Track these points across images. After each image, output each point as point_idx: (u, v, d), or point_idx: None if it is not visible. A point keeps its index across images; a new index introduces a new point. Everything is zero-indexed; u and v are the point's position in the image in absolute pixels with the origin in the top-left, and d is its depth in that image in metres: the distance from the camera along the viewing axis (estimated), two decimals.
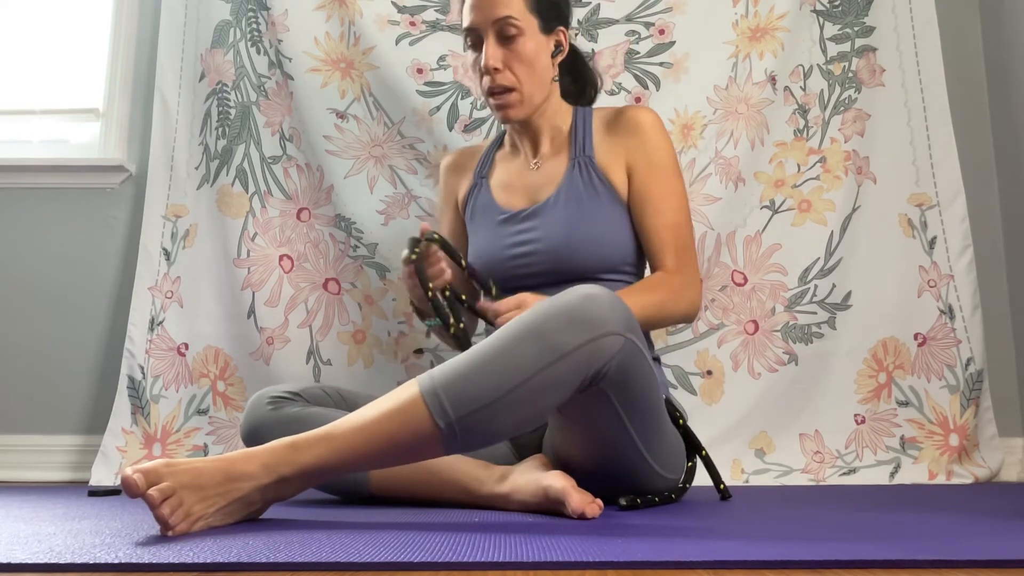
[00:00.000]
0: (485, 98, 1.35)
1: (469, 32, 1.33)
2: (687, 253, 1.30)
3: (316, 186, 1.85)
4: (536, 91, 1.33)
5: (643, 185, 1.31)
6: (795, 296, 1.75)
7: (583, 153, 1.35)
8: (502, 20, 1.28)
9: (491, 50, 1.29)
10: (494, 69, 1.29)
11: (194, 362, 1.80)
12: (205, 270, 1.83)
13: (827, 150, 1.80)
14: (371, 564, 0.64)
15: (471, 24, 1.31)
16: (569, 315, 0.91)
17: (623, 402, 0.98)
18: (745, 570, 0.63)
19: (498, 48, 1.29)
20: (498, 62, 1.29)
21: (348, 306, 1.81)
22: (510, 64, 1.30)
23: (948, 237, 1.75)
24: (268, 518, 0.92)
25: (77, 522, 0.94)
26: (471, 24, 1.31)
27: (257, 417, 1.17)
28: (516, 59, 1.30)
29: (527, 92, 1.32)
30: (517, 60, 1.30)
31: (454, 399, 0.87)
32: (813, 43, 1.84)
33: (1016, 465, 1.76)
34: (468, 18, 1.32)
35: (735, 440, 1.69)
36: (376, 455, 0.90)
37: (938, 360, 1.71)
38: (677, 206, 1.31)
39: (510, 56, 1.30)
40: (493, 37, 1.29)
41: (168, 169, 1.89)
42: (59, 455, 1.86)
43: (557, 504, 0.98)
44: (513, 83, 1.30)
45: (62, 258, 1.95)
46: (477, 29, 1.31)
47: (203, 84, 1.91)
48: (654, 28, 1.84)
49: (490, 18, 1.29)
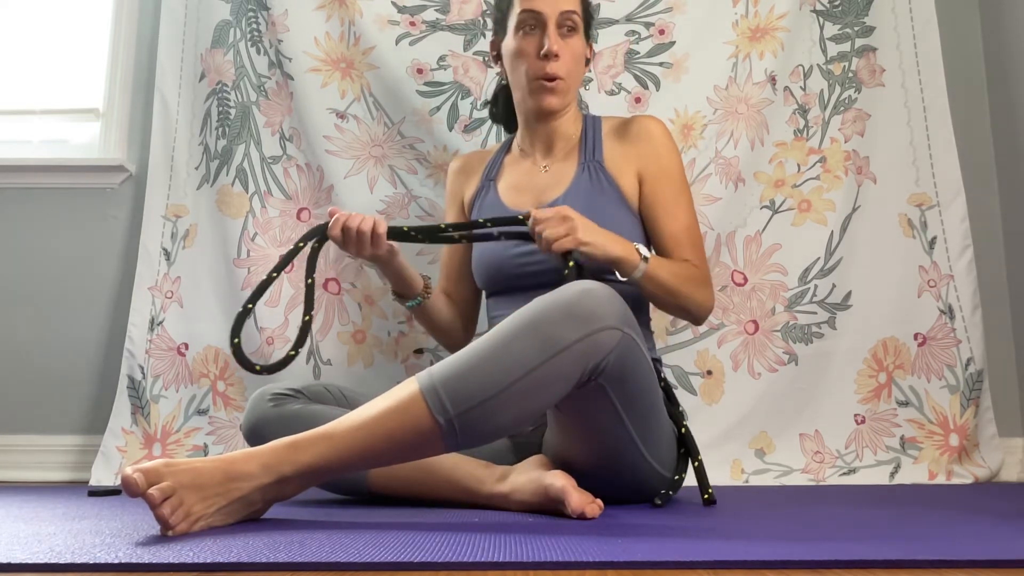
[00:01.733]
0: (530, 82, 1.34)
1: (530, 14, 1.32)
2: (702, 254, 1.34)
3: (316, 186, 1.85)
4: (573, 88, 1.38)
5: (656, 191, 1.34)
6: (795, 296, 1.75)
7: (592, 157, 1.37)
8: (568, 12, 1.32)
9: (554, 36, 1.31)
10: (555, 55, 1.31)
11: (194, 362, 1.80)
12: (205, 270, 1.83)
13: (827, 150, 1.80)
14: (371, 564, 0.64)
15: (538, 8, 1.31)
16: (566, 310, 0.91)
17: (621, 398, 0.99)
18: (745, 570, 0.63)
19: (559, 38, 1.32)
20: (561, 49, 1.31)
21: (348, 306, 1.81)
22: (564, 55, 1.32)
23: (948, 237, 1.75)
24: (268, 518, 0.92)
25: (77, 522, 0.94)
26: (538, 8, 1.31)
27: (259, 414, 1.18)
28: (570, 52, 1.33)
29: (570, 85, 1.35)
30: (571, 53, 1.34)
31: (453, 395, 0.87)
32: (813, 43, 1.84)
33: (1016, 465, 1.76)
34: (533, 1, 1.32)
35: (735, 440, 1.69)
36: (376, 453, 0.90)
37: (938, 360, 1.71)
38: (688, 210, 1.35)
39: (565, 48, 1.33)
40: (555, 26, 1.31)
41: (168, 169, 1.89)
42: (59, 455, 1.86)
43: (557, 504, 0.98)
44: (565, 73, 1.33)
45: (62, 258, 1.95)
46: (542, 14, 1.31)
47: (203, 84, 1.91)
48: (654, 28, 1.84)
49: (559, 7, 1.31)
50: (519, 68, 1.35)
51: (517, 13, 1.33)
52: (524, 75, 1.34)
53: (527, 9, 1.32)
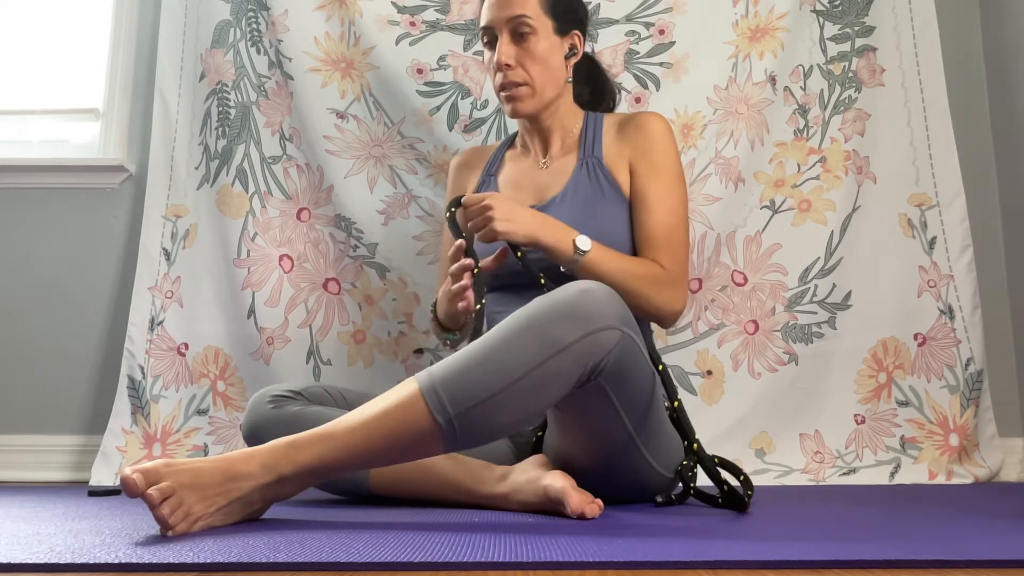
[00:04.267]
0: (498, 93, 1.37)
1: (485, 31, 1.36)
2: (677, 256, 1.28)
3: (316, 186, 1.85)
4: (548, 88, 1.36)
5: (641, 184, 1.33)
6: (795, 296, 1.75)
7: (591, 154, 1.37)
8: (516, 19, 1.32)
9: (504, 47, 1.32)
10: (506, 65, 1.32)
11: (194, 362, 1.80)
12: (205, 270, 1.83)
13: (827, 150, 1.80)
14: (371, 564, 0.64)
15: (487, 22, 1.35)
16: (565, 309, 0.91)
17: (621, 397, 0.99)
18: (745, 570, 0.63)
19: (511, 46, 1.33)
20: (510, 59, 1.32)
21: (348, 306, 1.81)
22: (522, 61, 1.33)
23: (948, 237, 1.75)
24: (268, 518, 0.92)
25: (77, 522, 0.94)
26: (487, 22, 1.35)
27: (258, 416, 1.18)
28: (528, 57, 1.33)
29: (538, 87, 1.34)
30: (529, 58, 1.33)
31: (452, 395, 0.87)
32: (813, 43, 1.84)
33: (1016, 465, 1.76)
34: (485, 17, 1.35)
35: (735, 440, 1.68)
36: (376, 453, 0.90)
37: (938, 360, 1.71)
38: (673, 208, 1.31)
39: (522, 54, 1.33)
40: (507, 35, 1.32)
41: (168, 169, 1.88)
42: (59, 455, 1.86)
43: (557, 504, 0.98)
44: (524, 79, 1.33)
45: (62, 258, 1.95)
46: (492, 27, 1.34)
47: (203, 84, 1.91)
48: (654, 28, 1.84)
49: (504, 16, 1.32)
50: (492, 81, 1.38)
51: (480, 31, 1.38)
52: (495, 87, 1.37)
53: (482, 27, 1.36)
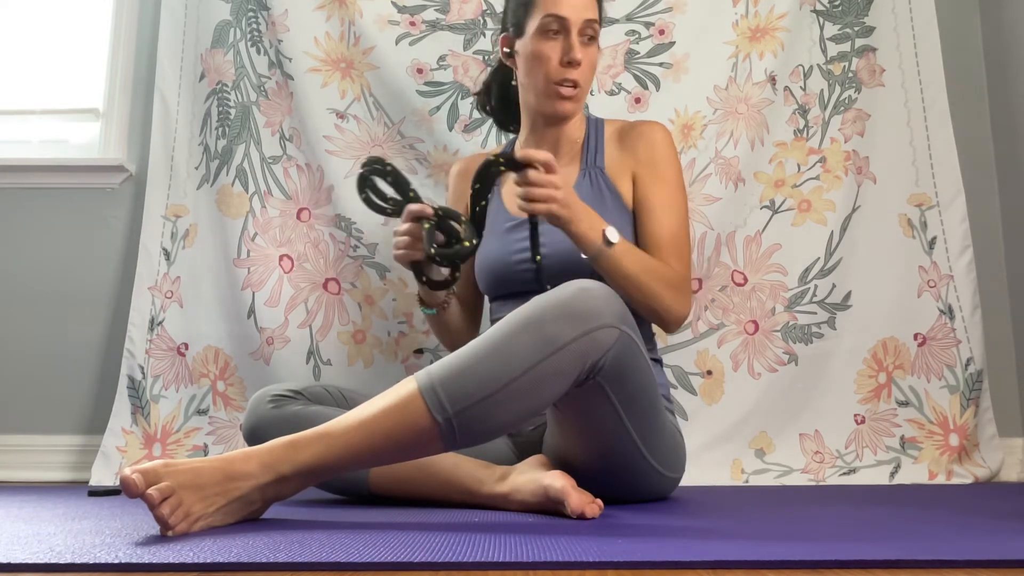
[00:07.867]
0: (548, 85, 1.31)
1: (555, 19, 1.29)
2: (684, 261, 1.29)
3: (316, 186, 1.85)
4: (586, 95, 1.38)
5: (646, 192, 1.33)
6: (795, 296, 1.75)
7: (594, 164, 1.37)
8: (591, 21, 1.31)
9: (579, 45, 1.30)
10: (579, 62, 1.30)
11: (194, 362, 1.80)
12: (205, 270, 1.83)
13: (827, 150, 1.80)
14: (371, 564, 0.64)
15: (564, 14, 1.29)
16: (564, 308, 0.91)
17: (620, 396, 0.99)
18: (745, 570, 0.63)
19: (581, 45, 1.31)
20: (583, 57, 1.31)
21: (348, 306, 1.81)
22: (584, 63, 1.32)
23: (948, 237, 1.75)
24: (268, 518, 0.92)
25: (77, 522, 0.94)
26: (564, 14, 1.29)
27: (259, 415, 1.18)
28: (589, 61, 1.33)
29: (584, 93, 1.35)
30: (588, 62, 1.33)
31: (451, 393, 0.88)
32: (813, 43, 1.84)
33: (1016, 465, 1.76)
34: (561, 7, 1.29)
35: (735, 440, 1.69)
36: (375, 452, 0.90)
37: (938, 360, 1.71)
38: (677, 216, 1.32)
39: (586, 56, 1.32)
40: (578, 34, 1.30)
41: (168, 169, 1.88)
42: (59, 455, 1.86)
43: (557, 504, 0.98)
44: (584, 81, 1.33)
45: (62, 258, 1.95)
46: (567, 20, 1.29)
47: (203, 84, 1.91)
48: (654, 28, 1.84)
49: (583, 16, 1.30)
50: (537, 71, 1.32)
51: (541, 16, 1.30)
52: (543, 78, 1.31)
53: (552, 13, 1.29)
